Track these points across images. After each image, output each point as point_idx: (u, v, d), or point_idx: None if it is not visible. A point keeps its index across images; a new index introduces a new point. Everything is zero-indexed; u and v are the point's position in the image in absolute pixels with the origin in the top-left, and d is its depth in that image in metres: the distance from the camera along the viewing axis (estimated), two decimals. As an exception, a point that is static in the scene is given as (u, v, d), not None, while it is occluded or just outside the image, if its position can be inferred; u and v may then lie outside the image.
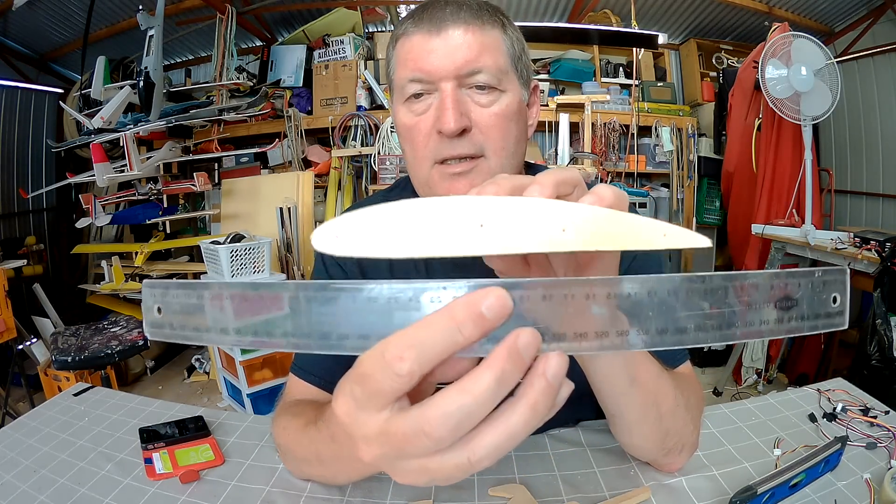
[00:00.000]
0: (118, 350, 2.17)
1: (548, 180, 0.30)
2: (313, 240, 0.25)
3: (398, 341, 0.24)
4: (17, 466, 0.73)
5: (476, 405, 0.24)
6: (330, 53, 3.77)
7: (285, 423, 0.66)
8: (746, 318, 0.26)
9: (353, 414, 0.27)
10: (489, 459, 0.25)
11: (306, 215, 3.20)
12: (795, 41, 2.51)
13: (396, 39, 0.67)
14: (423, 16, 0.63)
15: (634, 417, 0.58)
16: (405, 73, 0.64)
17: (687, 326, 0.26)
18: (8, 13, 3.20)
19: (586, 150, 3.53)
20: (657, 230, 0.25)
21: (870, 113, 3.38)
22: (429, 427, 0.24)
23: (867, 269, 2.13)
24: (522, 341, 0.24)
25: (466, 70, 0.62)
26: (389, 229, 0.25)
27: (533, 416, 0.25)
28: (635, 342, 0.26)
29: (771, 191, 2.96)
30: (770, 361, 2.93)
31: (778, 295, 0.27)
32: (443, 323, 0.24)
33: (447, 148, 0.63)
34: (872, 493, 0.62)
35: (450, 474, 0.26)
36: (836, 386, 0.89)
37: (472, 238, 0.25)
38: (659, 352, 0.61)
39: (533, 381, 0.24)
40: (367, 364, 0.25)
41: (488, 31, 0.63)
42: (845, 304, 0.28)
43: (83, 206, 3.04)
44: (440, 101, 0.62)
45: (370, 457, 0.28)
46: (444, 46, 0.61)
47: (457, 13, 0.62)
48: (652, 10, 3.77)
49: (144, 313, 0.28)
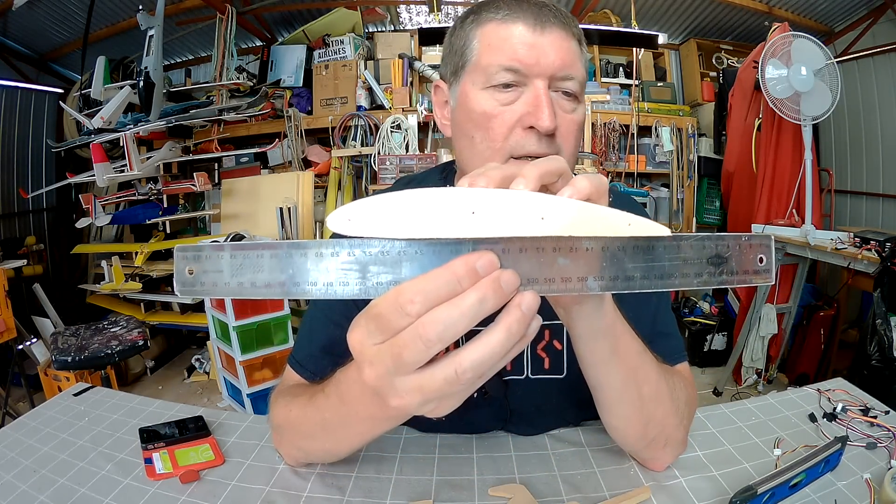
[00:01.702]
0: (118, 350, 2.17)
1: (532, 173, 0.34)
2: (328, 221, 0.30)
3: (410, 288, 0.30)
4: (17, 466, 0.73)
5: (461, 317, 0.30)
6: (330, 53, 3.77)
7: (286, 401, 0.67)
8: (683, 271, 0.32)
9: (364, 342, 0.33)
10: (472, 372, 0.31)
11: (306, 215, 3.20)
12: (795, 41, 2.51)
13: (483, 21, 0.65)
14: (521, 6, 0.63)
15: (615, 393, 0.59)
16: (499, 59, 0.62)
17: (634, 276, 0.32)
18: (8, 13, 3.21)
19: (586, 150, 3.53)
20: (623, 220, 0.31)
21: (870, 113, 3.38)
22: (423, 330, 0.30)
23: (867, 269, 2.13)
24: (504, 277, 0.30)
25: (562, 73, 0.62)
26: (395, 214, 0.29)
27: (507, 337, 0.31)
28: (592, 286, 0.31)
29: (771, 191, 2.96)
30: (770, 361, 2.93)
31: (710, 253, 0.32)
32: (446, 276, 0.30)
33: (533, 144, 0.62)
34: (872, 493, 0.62)
35: (440, 388, 0.32)
36: (836, 386, 0.89)
37: (464, 223, 0.30)
38: (657, 350, 0.62)
39: (510, 309, 0.31)
40: (383, 306, 0.31)
41: (575, 43, 0.64)
42: (771, 264, 0.33)
43: (83, 206, 3.04)
44: (534, 97, 0.61)
45: (373, 378, 0.33)
46: (548, 45, 0.61)
47: (557, 16, 0.63)
48: (652, 10, 3.77)
49: (176, 274, 0.32)
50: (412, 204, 0.30)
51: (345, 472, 0.71)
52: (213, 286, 0.31)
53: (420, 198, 0.30)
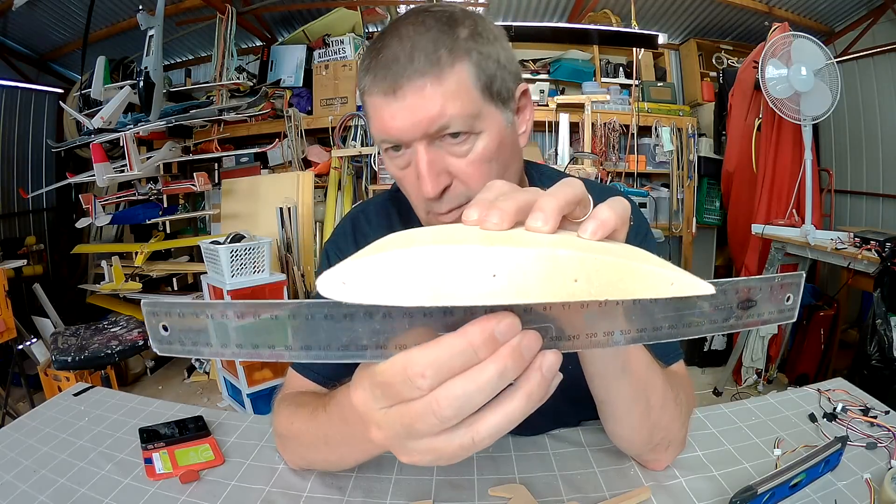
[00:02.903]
0: (118, 350, 2.17)
1: (550, 207, 0.29)
2: (319, 285, 0.26)
3: (420, 359, 0.27)
4: (17, 466, 0.73)
5: (478, 392, 0.27)
6: (330, 53, 3.76)
7: (290, 411, 0.67)
8: (712, 317, 0.31)
9: (369, 405, 0.31)
10: (490, 440, 0.29)
11: (306, 215, 3.20)
12: (795, 41, 2.51)
13: (361, 91, 0.62)
14: (378, 68, 0.58)
15: (624, 406, 0.59)
16: (376, 132, 0.62)
17: (662, 326, 0.30)
18: (8, 13, 3.20)
19: (586, 150, 3.53)
20: (664, 280, 0.27)
21: (870, 113, 3.38)
22: (437, 406, 0.27)
23: (867, 269, 2.13)
24: (525, 343, 0.27)
25: (433, 128, 0.57)
26: (398, 279, 0.25)
27: (528, 403, 0.28)
28: (619, 340, 0.30)
29: (771, 191, 2.96)
30: (770, 361, 2.93)
31: (742, 297, 0.31)
32: (460, 345, 0.26)
33: (441, 205, 0.62)
34: (872, 493, 0.62)
35: (454, 453, 0.30)
36: (836, 386, 0.89)
37: (484, 288, 0.25)
38: (653, 349, 0.62)
39: (530, 374, 0.28)
40: (390, 375, 0.28)
41: (448, 73, 0.57)
42: (797, 303, 0.32)
43: (83, 206, 3.04)
44: (416, 164, 0.60)
45: (381, 438, 0.31)
46: (404, 109, 0.57)
47: (410, 64, 0.56)
48: (652, 10, 3.77)
49: (150, 331, 0.29)
50: (419, 266, 0.25)
51: (345, 472, 0.71)
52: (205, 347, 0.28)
53: (428, 258, 0.25)
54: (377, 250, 0.26)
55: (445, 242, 0.25)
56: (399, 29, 0.59)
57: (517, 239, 0.27)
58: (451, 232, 0.28)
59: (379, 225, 0.79)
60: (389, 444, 0.31)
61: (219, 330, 0.28)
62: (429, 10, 0.60)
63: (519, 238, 0.27)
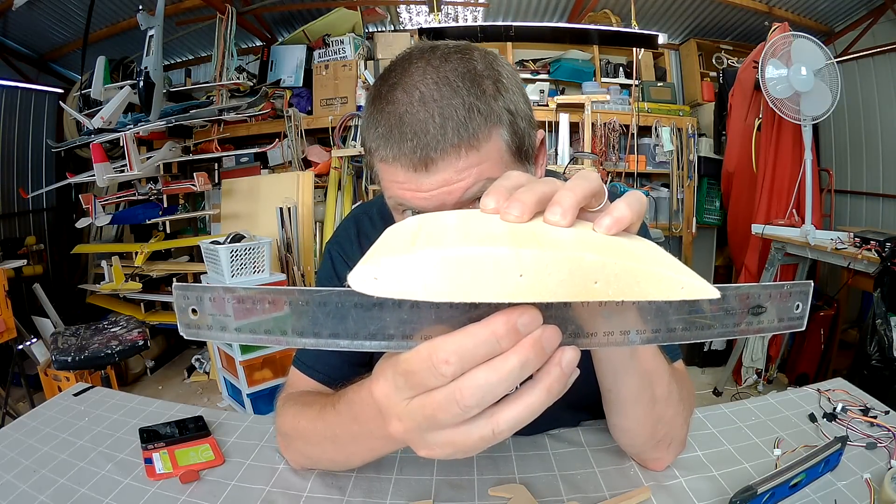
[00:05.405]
0: (118, 350, 2.17)
1: (568, 203, 0.30)
2: (350, 279, 0.27)
3: (445, 346, 0.28)
4: (17, 466, 0.73)
5: (500, 382, 0.28)
6: (330, 53, 3.76)
7: (296, 410, 0.67)
8: (724, 322, 0.32)
9: (392, 396, 0.32)
10: (508, 432, 0.30)
11: (306, 215, 3.20)
12: (795, 41, 2.51)
13: (372, 150, 0.56)
14: (398, 136, 0.52)
15: (631, 395, 0.59)
16: (393, 198, 0.57)
17: (676, 328, 0.32)
18: (8, 13, 3.20)
19: (586, 150, 3.53)
20: (675, 283, 0.28)
21: (870, 113, 3.37)
22: (460, 395, 0.28)
23: (867, 269, 2.13)
24: (546, 336, 0.28)
25: (465, 198, 0.54)
26: (429, 277, 0.26)
27: (548, 397, 0.29)
28: (634, 339, 0.31)
29: (771, 191, 2.96)
30: (770, 361, 2.93)
31: (752, 303, 0.32)
32: (484, 335, 0.27)
33: None
34: (872, 493, 0.62)
35: (473, 445, 0.30)
36: (836, 386, 0.89)
37: (511, 287, 0.26)
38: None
39: (550, 369, 0.29)
40: (415, 362, 0.29)
41: (484, 144, 0.52)
42: (805, 311, 0.34)
43: (83, 206, 3.04)
44: None
45: (401, 431, 0.32)
46: (436, 184, 0.52)
47: (442, 136, 0.51)
48: (652, 10, 3.77)
49: (179, 315, 0.30)
50: (450, 267, 0.26)
51: (345, 472, 0.71)
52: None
53: (460, 259, 0.26)
54: (406, 245, 0.28)
55: (475, 244, 0.27)
56: (417, 85, 0.53)
57: (539, 236, 0.29)
58: (475, 225, 0.30)
59: (382, 226, 0.79)
60: (409, 437, 0.32)
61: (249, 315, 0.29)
62: (444, 56, 0.55)
63: (541, 235, 0.29)
